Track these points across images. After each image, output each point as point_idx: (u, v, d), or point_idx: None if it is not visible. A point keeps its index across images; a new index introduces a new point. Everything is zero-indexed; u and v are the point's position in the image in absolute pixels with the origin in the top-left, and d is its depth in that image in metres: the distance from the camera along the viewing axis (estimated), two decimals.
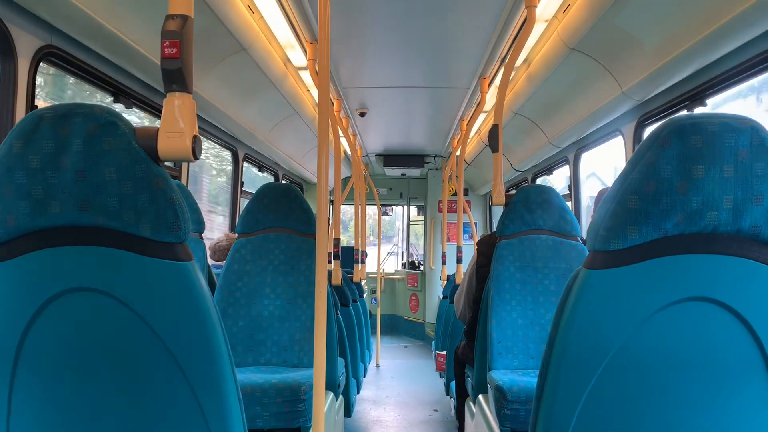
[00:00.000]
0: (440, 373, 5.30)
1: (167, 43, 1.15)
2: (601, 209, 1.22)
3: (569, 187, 4.67)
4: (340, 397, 3.25)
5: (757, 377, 1.17)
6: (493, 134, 2.91)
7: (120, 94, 2.84)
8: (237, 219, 4.07)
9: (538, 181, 5.80)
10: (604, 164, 4.70)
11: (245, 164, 5.14)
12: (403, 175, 8.93)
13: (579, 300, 1.20)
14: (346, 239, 11.28)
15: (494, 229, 2.76)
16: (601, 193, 2.98)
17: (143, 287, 1.13)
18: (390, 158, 7.71)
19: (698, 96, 2.73)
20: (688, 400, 1.19)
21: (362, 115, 5.35)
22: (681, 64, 2.49)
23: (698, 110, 2.76)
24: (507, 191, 2.76)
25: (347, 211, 10.93)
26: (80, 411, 1.16)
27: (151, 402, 1.16)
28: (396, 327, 9.59)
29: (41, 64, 2.24)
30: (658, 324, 1.18)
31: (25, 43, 2.14)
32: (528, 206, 2.68)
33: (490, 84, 4.22)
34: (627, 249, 1.18)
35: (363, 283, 6.41)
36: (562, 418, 1.23)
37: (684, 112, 2.85)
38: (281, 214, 2.85)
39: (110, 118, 1.12)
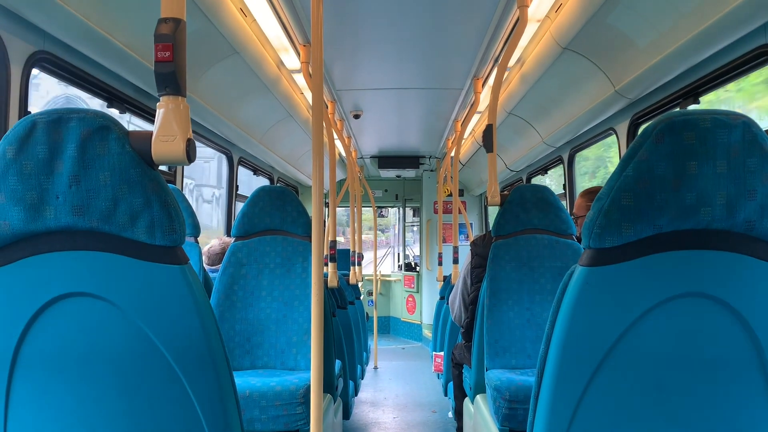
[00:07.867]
0: (438, 374, 5.30)
1: (160, 46, 1.15)
2: (595, 206, 1.22)
3: (564, 186, 4.68)
4: (338, 399, 3.24)
5: (752, 372, 1.18)
6: (488, 134, 2.92)
7: (114, 98, 2.83)
8: (232, 222, 4.07)
9: (533, 182, 5.82)
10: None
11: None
12: (398, 176, 8.93)
13: (574, 297, 1.20)
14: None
15: (490, 229, 2.77)
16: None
17: (139, 291, 1.13)
18: (385, 160, 7.71)
19: (691, 93, 2.74)
20: (684, 396, 1.20)
21: (356, 117, 5.35)
22: (673, 61, 2.50)
23: (691, 107, 2.77)
24: (502, 191, 2.76)
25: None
26: (78, 416, 1.15)
27: (148, 406, 1.15)
28: (393, 329, 9.59)
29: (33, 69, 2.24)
30: (654, 320, 1.18)
31: (17, 49, 2.13)
32: (523, 205, 2.68)
33: (483, 84, 4.23)
34: (622, 246, 1.19)
35: (360, 285, 6.41)
36: (560, 416, 1.23)
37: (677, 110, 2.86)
38: (277, 216, 2.84)
39: (103, 123, 1.12)
